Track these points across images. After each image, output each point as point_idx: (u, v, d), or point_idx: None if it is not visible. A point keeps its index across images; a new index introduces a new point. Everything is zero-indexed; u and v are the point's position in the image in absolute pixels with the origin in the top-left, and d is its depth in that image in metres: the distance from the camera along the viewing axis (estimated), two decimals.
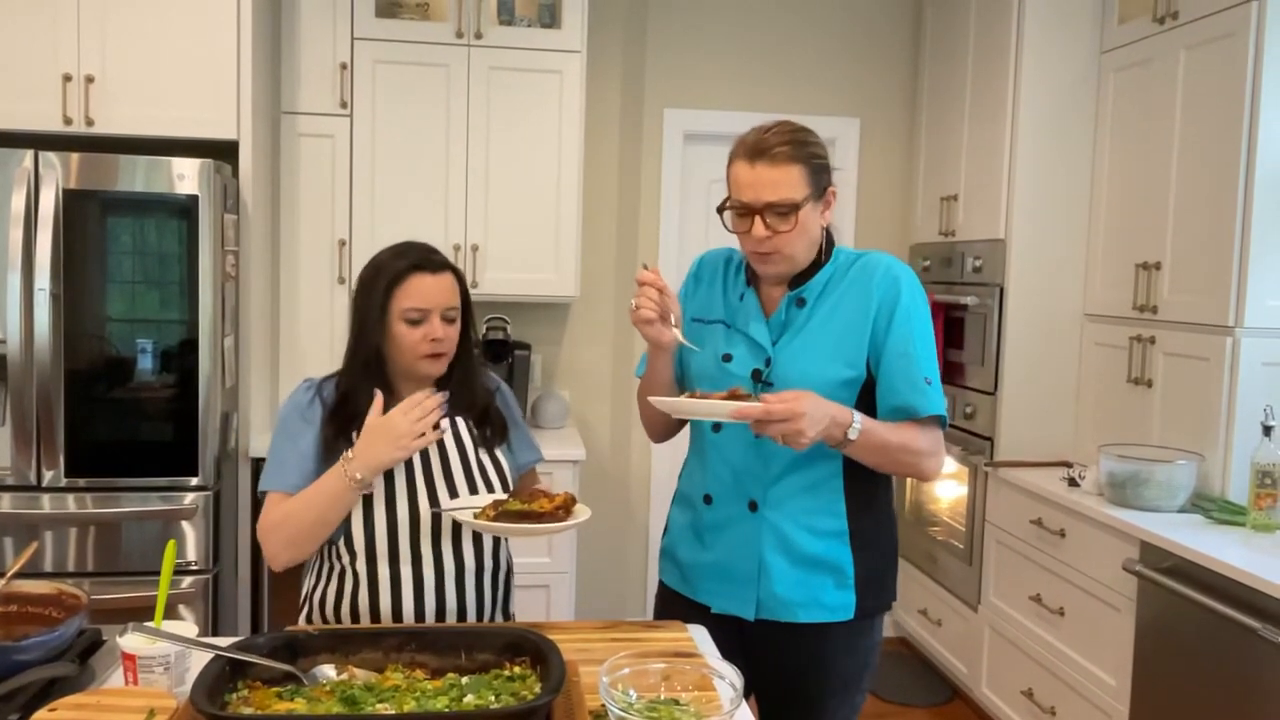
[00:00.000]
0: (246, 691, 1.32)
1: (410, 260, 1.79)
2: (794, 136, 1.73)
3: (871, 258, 1.83)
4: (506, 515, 1.66)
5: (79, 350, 2.89)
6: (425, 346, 1.78)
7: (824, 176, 1.75)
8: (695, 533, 1.89)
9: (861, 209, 4.27)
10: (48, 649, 1.44)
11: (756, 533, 1.81)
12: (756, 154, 1.70)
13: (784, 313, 1.83)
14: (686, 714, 1.29)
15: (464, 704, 1.30)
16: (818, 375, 1.75)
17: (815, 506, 1.80)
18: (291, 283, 3.55)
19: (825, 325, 1.79)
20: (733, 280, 1.92)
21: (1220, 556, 2.35)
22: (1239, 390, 2.73)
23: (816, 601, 1.80)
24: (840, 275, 1.82)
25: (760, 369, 1.80)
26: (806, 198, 1.72)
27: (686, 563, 1.91)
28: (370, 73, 3.51)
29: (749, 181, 1.71)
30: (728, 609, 1.84)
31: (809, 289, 1.82)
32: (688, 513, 1.92)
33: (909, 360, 1.75)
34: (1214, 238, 2.79)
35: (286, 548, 1.74)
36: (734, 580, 1.83)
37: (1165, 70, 3.02)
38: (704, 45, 4.11)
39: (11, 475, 2.87)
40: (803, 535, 1.79)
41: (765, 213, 1.71)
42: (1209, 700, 2.40)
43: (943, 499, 3.92)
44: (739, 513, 1.82)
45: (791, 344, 1.80)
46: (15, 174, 2.80)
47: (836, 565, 1.80)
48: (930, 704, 3.74)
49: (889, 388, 1.76)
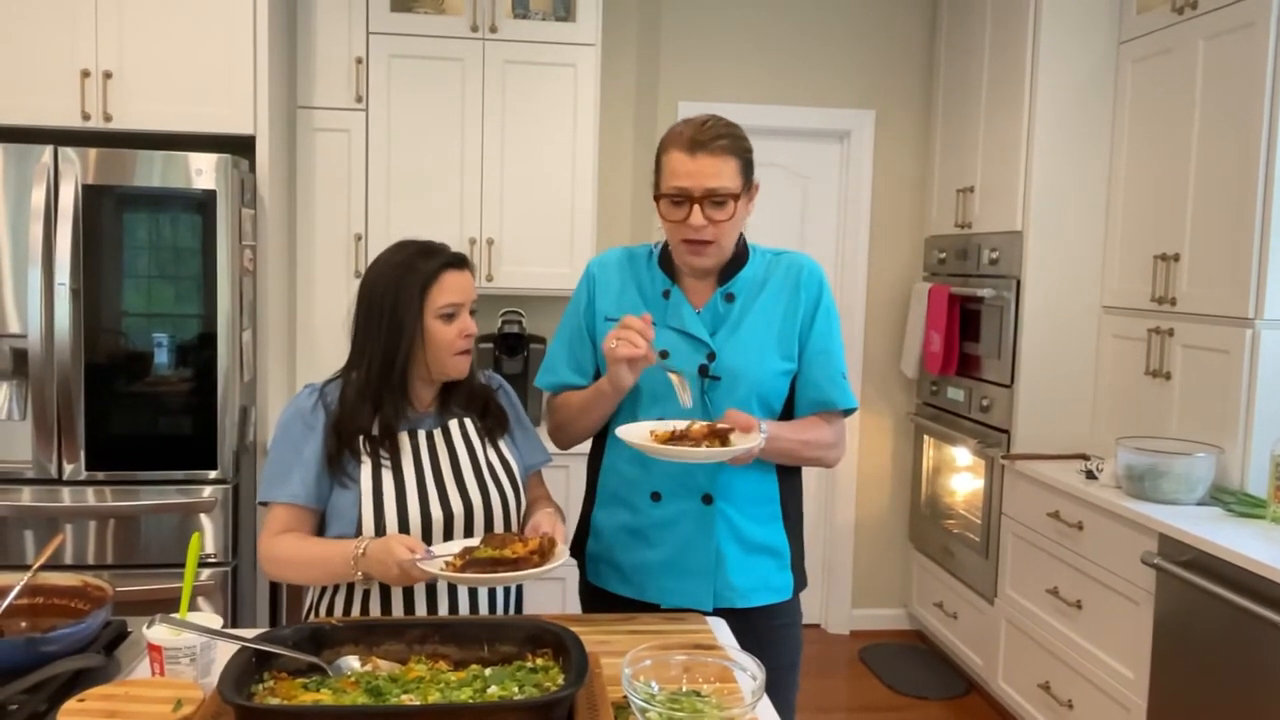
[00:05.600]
0: (272, 682, 1.32)
1: (440, 258, 1.78)
2: (730, 130, 1.80)
3: (794, 256, 1.93)
4: (476, 564, 1.58)
5: (99, 345, 2.90)
6: (460, 343, 1.78)
7: (752, 172, 1.83)
8: (636, 532, 1.89)
9: (877, 201, 4.26)
10: (74, 640, 1.45)
11: (711, 525, 1.85)
12: (697, 145, 1.76)
13: (716, 308, 1.87)
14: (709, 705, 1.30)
15: (487, 695, 1.30)
16: (761, 367, 1.84)
17: (757, 494, 1.88)
18: (308, 277, 3.57)
19: (761, 319, 1.86)
20: (648, 277, 1.93)
21: (1239, 549, 2.34)
22: (1258, 382, 2.71)
23: (765, 585, 1.89)
24: (764, 272, 1.90)
25: (705, 364, 1.84)
26: (740, 189, 1.79)
27: (629, 564, 1.90)
28: (385, 67, 3.52)
29: (689, 170, 1.76)
30: (681, 603, 1.86)
31: (737, 284, 1.88)
32: (622, 513, 1.91)
33: (828, 356, 1.88)
34: (1233, 229, 2.77)
35: (282, 579, 1.81)
36: (689, 574, 1.85)
37: (1184, 61, 3.00)
38: (718, 38, 4.10)
39: (32, 469, 2.90)
40: (749, 523, 1.88)
41: (704, 201, 1.76)
42: (1228, 693, 2.39)
43: (959, 492, 3.91)
44: (692, 507, 1.85)
45: (731, 338, 1.85)
46: (35, 170, 2.82)
47: (777, 548, 1.90)
48: (946, 697, 3.74)
49: (809, 381, 1.87)
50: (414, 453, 1.80)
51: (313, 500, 1.76)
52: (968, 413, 3.78)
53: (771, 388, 1.86)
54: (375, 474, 1.76)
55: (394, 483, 1.76)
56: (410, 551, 1.58)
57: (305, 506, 1.76)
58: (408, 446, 1.80)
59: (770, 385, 1.85)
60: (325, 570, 1.71)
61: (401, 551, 1.58)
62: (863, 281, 4.27)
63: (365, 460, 1.76)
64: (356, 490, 1.75)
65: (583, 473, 3.43)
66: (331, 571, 1.70)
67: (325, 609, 1.80)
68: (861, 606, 4.42)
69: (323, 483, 1.77)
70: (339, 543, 1.70)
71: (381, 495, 1.75)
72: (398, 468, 1.77)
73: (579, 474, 3.42)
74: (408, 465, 1.78)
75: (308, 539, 1.76)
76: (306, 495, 1.75)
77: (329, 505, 1.77)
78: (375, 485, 1.75)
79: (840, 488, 4.34)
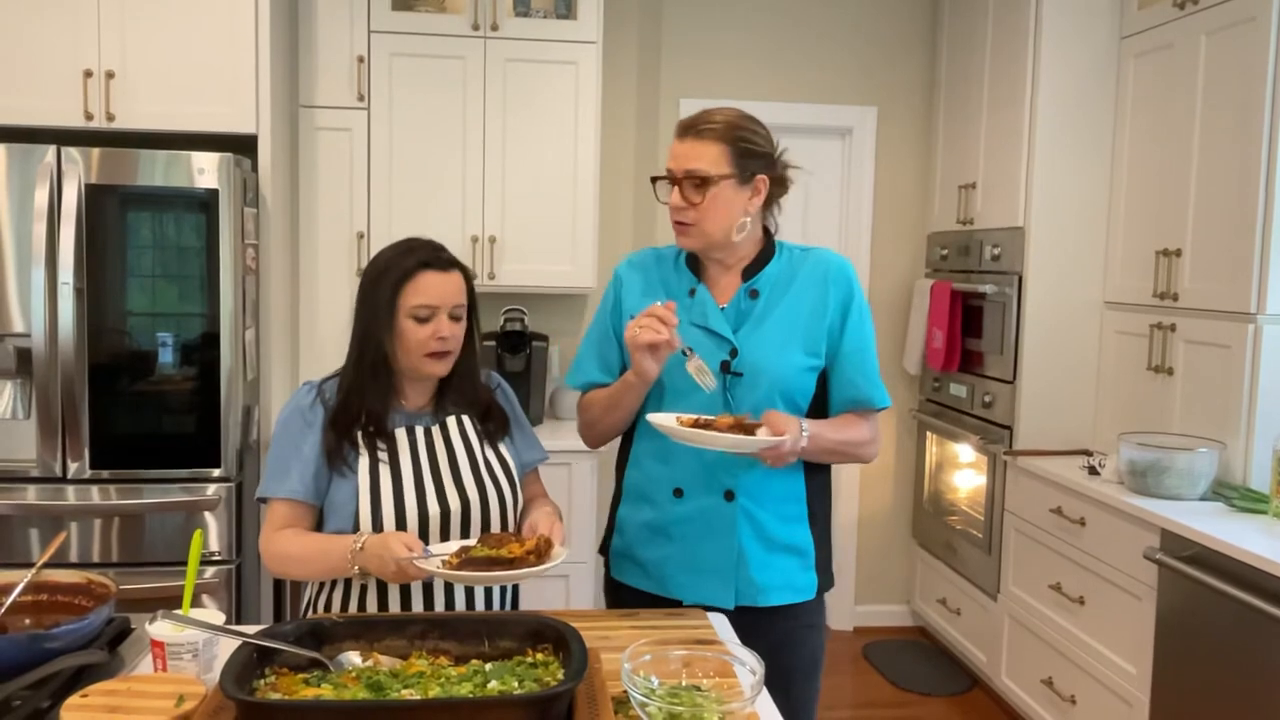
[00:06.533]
0: (274, 678, 1.33)
1: (419, 257, 1.77)
2: (727, 119, 1.82)
3: (822, 253, 1.93)
4: (472, 563, 1.58)
5: (102, 344, 2.91)
6: (432, 344, 1.77)
7: (752, 163, 1.83)
8: (658, 528, 1.89)
9: (879, 197, 4.26)
10: (78, 637, 1.46)
11: (732, 522, 1.84)
12: (687, 129, 1.83)
13: (739, 304, 1.87)
14: (708, 700, 1.30)
15: (488, 690, 1.30)
16: (784, 363, 1.83)
17: (783, 493, 1.87)
18: (311, 276, 3.58)
19: (786, 315, 1.86)
20: (675, 275, 1.95)
21: (1242, 544, 2.34)
22: (1261, 377, 2.71)
23: (788, 584, 1.88)
24: (791, 268, 1.90)
25: (727, 360, 1.84)
26: (724, 176, 1.80)
27: (651, 559, 1.91)
28: (387, 66, 3.52)
29: (675, 153, 1.83)
30: (702, 600, 1.86)
31: (761, 280, 1.88)
32: (645, 509, 1.92)
33: (863, 355, 1.88)
34: (1235, 224, 2.77)
35: (283, 574, 1.81)
36: (709, 571, 1.85)
37: (1186, 56, 2.99)
38: (719, 35, 4.10)
39: (37, 468, 2.91)
40: (773, 521, 1.87)
41: (683, 182, 1.81)
42: (1231, 689, 2.39)
43: (961, 488, 3.91)
44: (714, 504, 1.85)
45: (754, 334, 1.85)
46: (38, 169, 2.83)
47: (801, 548, 1.89)
48: (950, 693, 3.74)
49: (846, 381, 1.88)
50: (411, 449, 1.81)
51: (311, 496, 1.77)
52: (970, 409, 3.78)
53: (796, 384, 1.85)
54: (373, 469, 1.77)
55: (391, 478, 1.77)
56: (408, 549, 1.59)
57: (304, 502, 1.77)
58: (405, 443, 1.81)
59: (794, 382, 1.84)
60: (323, 565, 1.71)
61: (399, 549, 1.59)
62: (865, 278, 4.27)
63: (363, 454, 1.77)
64: (354, 484, 1.75)
65: (584, 472, 3.48)
66: (330, 566, 1.71)
67: (324, 605, 1.81)
68: (865, 603, 4.42)
69: (321, 479, 1.78)
70: (338, 538, 1.71)
71: (379, 491, 1.75)
72: (395, 464, 1.78)
73: (580, 472, 3.46)
74: (405, 461, 1.79)
75: (307, 534, 1.77)
76: (305, 491, 1.76)
77: (327, 500, 1.78)
78: (373, 481, 1.76)
79: (843, 484, 4.34)
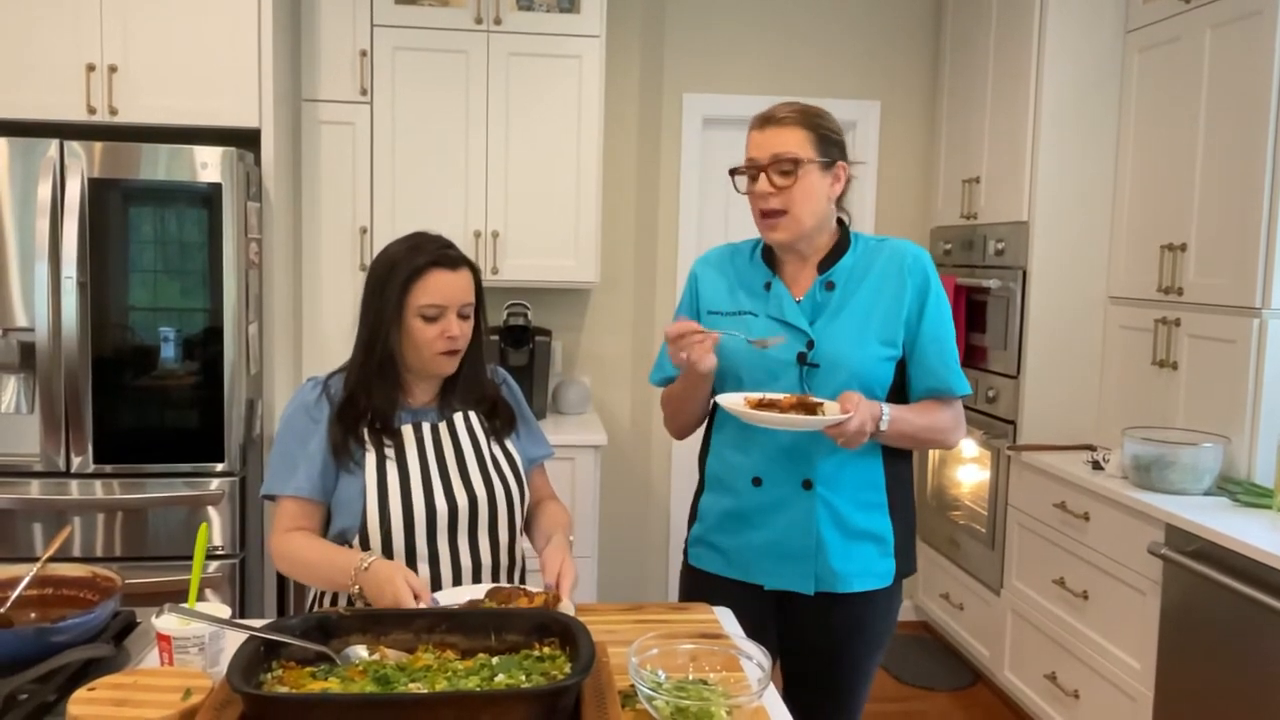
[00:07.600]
0: (281, 671, 1.33)
1: (428, 256, 1.75)
2: (804, 108, 1.87)
3: (897, 243, 1.93)
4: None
5: (106, 338, 2.91)
6: (441, 344, 1.76)
7: (832, 149, 1.86)
8: (740, 516, 1.92)
9: (882, 192, 4.25)
10: (84, 630, 1.46)
11: (811, 511, 1.86)
12: (766, 120, 1.87)
13: (815, 296, 1.88)
14: (715, 694, 1.30)
15: (495, 683, 1.30)
16: (860, 354, 1.84)
17: (861, 481, 1.89)
18: (314, 270, 3.57)
19: (862, 306, 1.87)
20: (750, 270, 1.97)
21: (1246, 539, 2.34)
22: (1265, 372, 2.70)
23: (867, 571, 1.90)
24: (866, 259, 1.91)
25: (804, 352, 1.85)
26: (810, 159, 1.82)
27: (732, 547, 1.94)
28: (390, 60, 3.52)
29: (758, 142, 1.86)
30: (784, 585, 1.90)
31: (837, 272, 1.90)
32: (726, 498, 1.95)
33: (942, 344, 1.89)
34: (1240, 219, 2.76)
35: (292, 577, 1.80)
36: (790, 558, 1.88)
37: (1191, 49, 2.99)
38: (723, 29, 4.10)
39: (40, 462, 2.91)
40: (851, 509, 1.88)
41: (770, 168, 1.83)
42: (1235, 683, 2.39)
43: (964, 483, 3.91)
44: (792, 492, 1.87)
45: (830, 326, 1.87)
46: (41, 164, 2.83)
47: (880, 535, 1.91)
48: (952, 687, 3.74)
49: (926, 370, 1.89)
50: (418, 445, 1.80)
51: (318, 493, 1.77)
52: (974, 404, 3.78)
53: (873, 375, 1.85)
54: (380, 466, 1.76)
55: (398, 475, 1.76)
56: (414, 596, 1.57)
57: (312, 500, 1.77)
58: (412, 439, 1.80)
59: (871, 372, 1.85)
60: (327, 575, 1.71)
61: (405, 595, 1.57)
62: None
63: (370, 450, 1.76)
64: (361, 481, 1.75)
65: (588, 468, 3.47)
66: (332, 578, 1.70)
67: (329, 599, 1.81)
68: None
69: (328, 476, 1.77)
70: (346, 551, 1.71)
71: (386, 488, 1.75)
72: (402, 460, 1.77)
73: (584, 467, 3.47)
74: (412, 458, 1.78)
75: (318, 541, 1.77)
76: (311, 488, 1.76)
77: (334, 497, 1.77)
78: (380, 478, 1.75)
79: None
